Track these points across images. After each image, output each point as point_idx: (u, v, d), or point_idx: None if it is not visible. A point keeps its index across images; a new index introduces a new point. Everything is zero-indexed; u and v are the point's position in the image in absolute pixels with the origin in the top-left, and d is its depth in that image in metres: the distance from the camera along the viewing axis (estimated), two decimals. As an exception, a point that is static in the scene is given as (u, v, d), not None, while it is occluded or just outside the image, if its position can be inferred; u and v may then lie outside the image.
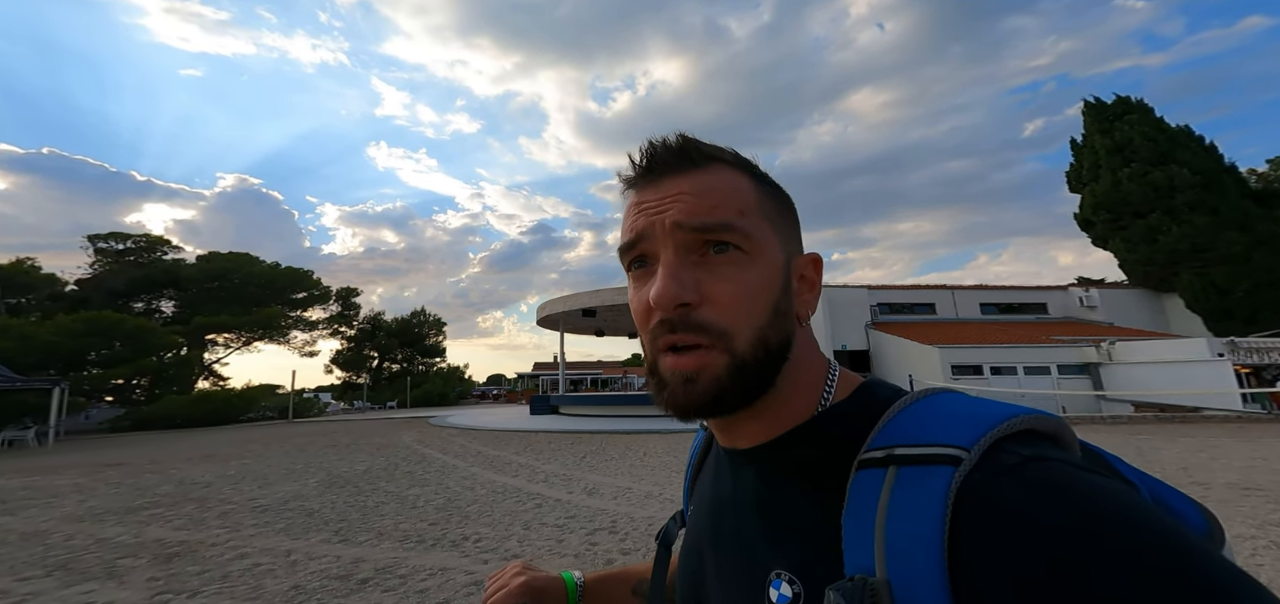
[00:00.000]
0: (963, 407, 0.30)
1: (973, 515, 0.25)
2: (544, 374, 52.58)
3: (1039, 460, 0.26)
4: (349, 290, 42.73)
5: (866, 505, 0.28)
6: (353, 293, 42.87)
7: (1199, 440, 8.29)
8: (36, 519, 5.01)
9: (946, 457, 0.27)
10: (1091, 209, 24.07)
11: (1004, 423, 0.28)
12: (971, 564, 0.24)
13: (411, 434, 13.13)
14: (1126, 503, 0.24)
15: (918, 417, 0.31)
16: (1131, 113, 24.45)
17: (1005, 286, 24.57)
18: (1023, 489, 0.25)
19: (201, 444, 12.29)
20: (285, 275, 34.76)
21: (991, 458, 0.27)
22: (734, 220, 0.35)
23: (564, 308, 21.94)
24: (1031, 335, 17.62)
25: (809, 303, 0.39)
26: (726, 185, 0.36)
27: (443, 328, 51.51)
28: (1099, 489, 0.24)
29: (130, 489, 6.50)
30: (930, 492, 0.26)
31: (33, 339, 17.87)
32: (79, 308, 25.36)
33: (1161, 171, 21.67)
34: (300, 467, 7.99)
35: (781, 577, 0.32)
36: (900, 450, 0.29)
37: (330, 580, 3.18)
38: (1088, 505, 0.23)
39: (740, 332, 0.34)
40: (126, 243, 30.84)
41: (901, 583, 0.25)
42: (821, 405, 0.36)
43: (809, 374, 0.37)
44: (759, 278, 0.35)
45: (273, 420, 23.00)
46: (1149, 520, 0.23)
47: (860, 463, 0.30)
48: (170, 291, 30.94)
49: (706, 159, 0.37)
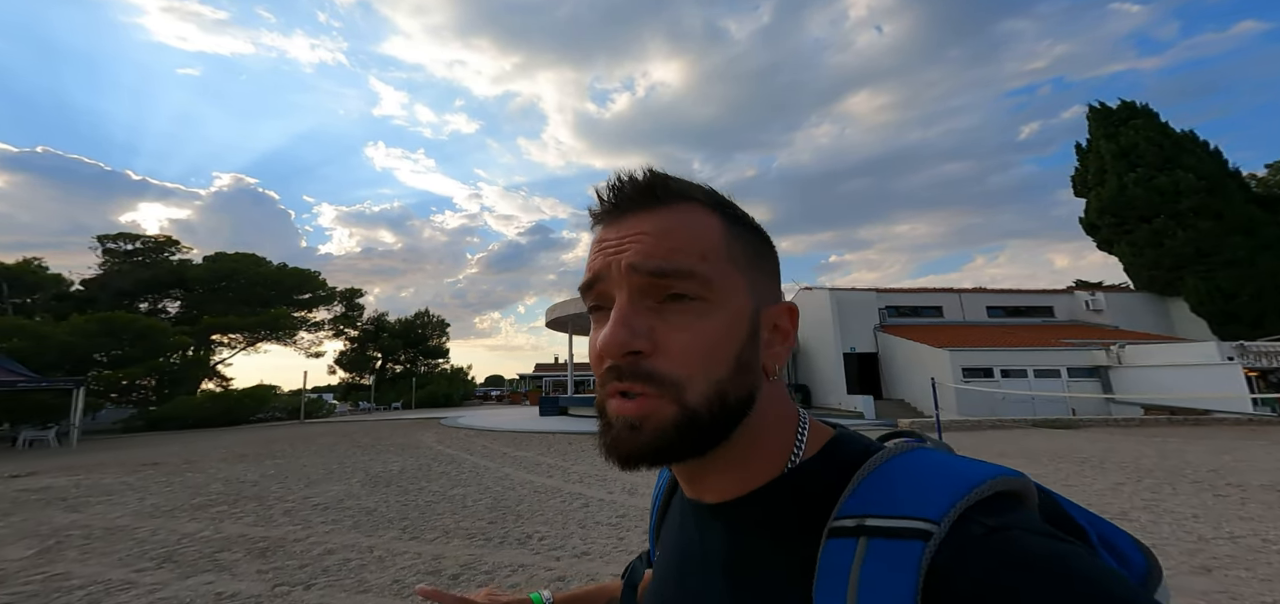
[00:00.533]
0: (932, 472, 0.30)
1: (943, 592, 0.25)
2: (547, 375, 52.79)
3: (1002, 531, 0.27)
4: (353, 291, 42.87)
5: (838, 577, 0.28)
6: (356, 294, 43.01)
7: (1219, 443, 8.56)
8: (109, 515, 5.22)
9: (917, 531, 0.27)
10: (1097, 213, 24.38)
11: (972, 492, 0.28)
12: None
13: (429, 435, 13.34)
14: (1077, 567, 0.24)
15: (888, 482, 0.30)
16: (1136, 117, 24.79)
17: (1012, 290, 24.87)
18: (988, 562, 0.25)
19: (226, 444, 12.48)
20: (292, 276, 34.96)
21: (960, 529, 0.27)
22: (694, 266, 0.33)
23: (573, 311, 22.22)
24: (1039, 338, 17.90)
25: (779, 355, 0.37)
26: (691, 226, 0.34)
27: (445, 329, 51.68)
28: (1054, 555, 0.25)
29: (182, 487, 6.71)
30: (902, 568, 0.27)
31: (48, 339, 18.05)
32: (86, 308, 25.52)
33: (1167, 176, 21.98)
34: (336, 467, 8.20)
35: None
36: (871, 521, 0.29)
37: (423, 575, 3.41)
38: (1044, 576, 0.24)
39: (694, 383, 0.32)
40: (135, 243, 30.99)
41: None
42: (792, 461, 0.35)
43: (777, 428, 0.36)
44: (719, 328, 0.33)
45: (282, 421, 23.17)
46: (1097, 583, 0.24)
47: (830, 531, 0.30)
48: (176, 292, 31.11)
49: (673, 197, 0.35)
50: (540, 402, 23.62)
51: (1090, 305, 22.70)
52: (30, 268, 27.75)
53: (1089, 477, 6.31)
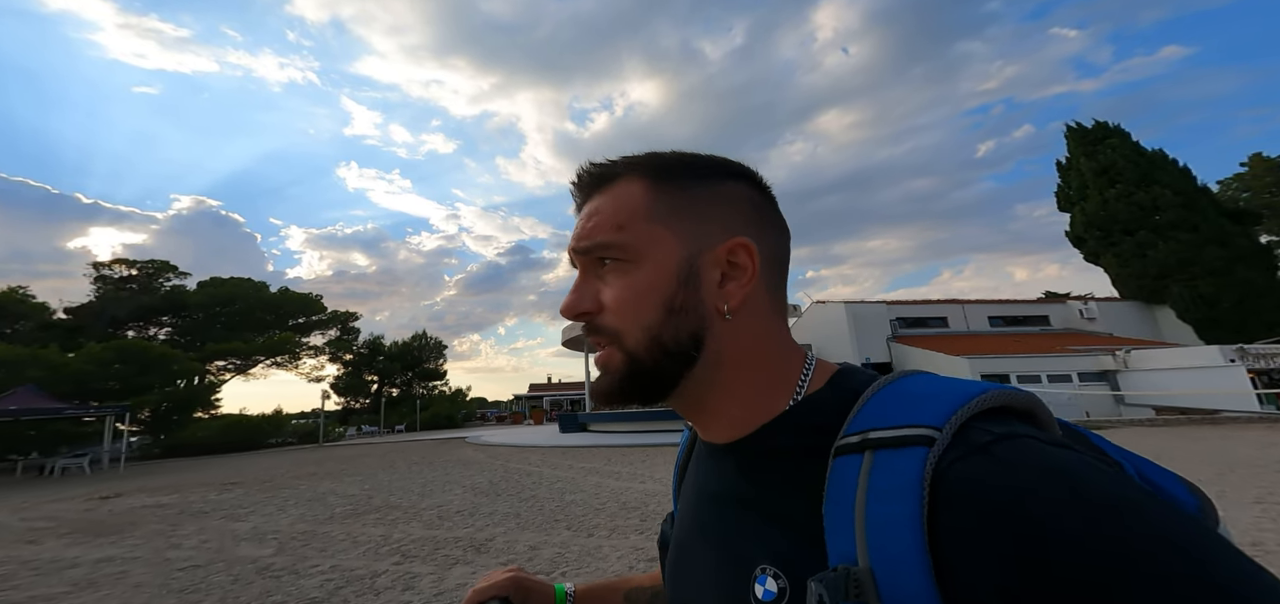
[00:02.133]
0: (933, 386, 0.31)
1: (949, 496, 0.26)
2: (547, 395, 52.65)
3: (1009, 438, 0.27)
4: (348, 314, 42.35)
5: (845, 492, 0.29)
6: (352, 317, 42.51)
7: (1252, 437, 9.32)
8: (280, 523, 5.45)
9: (919, 437, 0.28)
10: (1083, 227, 26.11)
11: (973, 400, 0.29)
12: (950, 546, 0.25)
13: (472, 453, 13.49)
14: (1097, 475, 0.24)
15: (890, 399, 0.31)
16: (1111, 137, 26.80)
17: (1009, 301, 26.30)
18: (994, 467, 0.26)
19: (268, 468, 12.39)
20: (293, 300, 34.53)
21: (963, 436, 0.28)
22: (609, 238, 0.38)
23: None
24: (1042, 346, 19.07)
25: (734, 293, 0.38)
26: (614, 201, 0.39)
27: (443, 351, 51.17)
28: (1070, 464, 0.25)
29: (304, 501, 6.91)
30: (906, 474, 0.27)
31: (62, 368, 17.63)
32: (74, 336, 24.80)
33: (1145, 192, 23.81)
34: (433, 482, 8.43)
35: (766, 571, 0.32)
36: (875, 434, 0.29)
37: (622, 565, 3.84)
38: (1058, 481, 0.24)
39: (629, 331, 0.37)
40: (132, 268, 30.33)
41: (884, 569, 0.26)
42: (796, 396, 0.37)
43: (770, 366, 0.38)
44: (641, 281, 0.37)
45: (299, 446, 22.73)
46: (1121, 491, 0.24)
47: (837, 449, 0.31)
48: (168, 318, 30.40)
49: (607, 179, 0.40)
50: (559, 419, 23.77)
51: (1084, 314, 24.17)
52: (15, 296, 26.96)
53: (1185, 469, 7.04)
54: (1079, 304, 25.00)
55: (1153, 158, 25.40)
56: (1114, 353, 16.49)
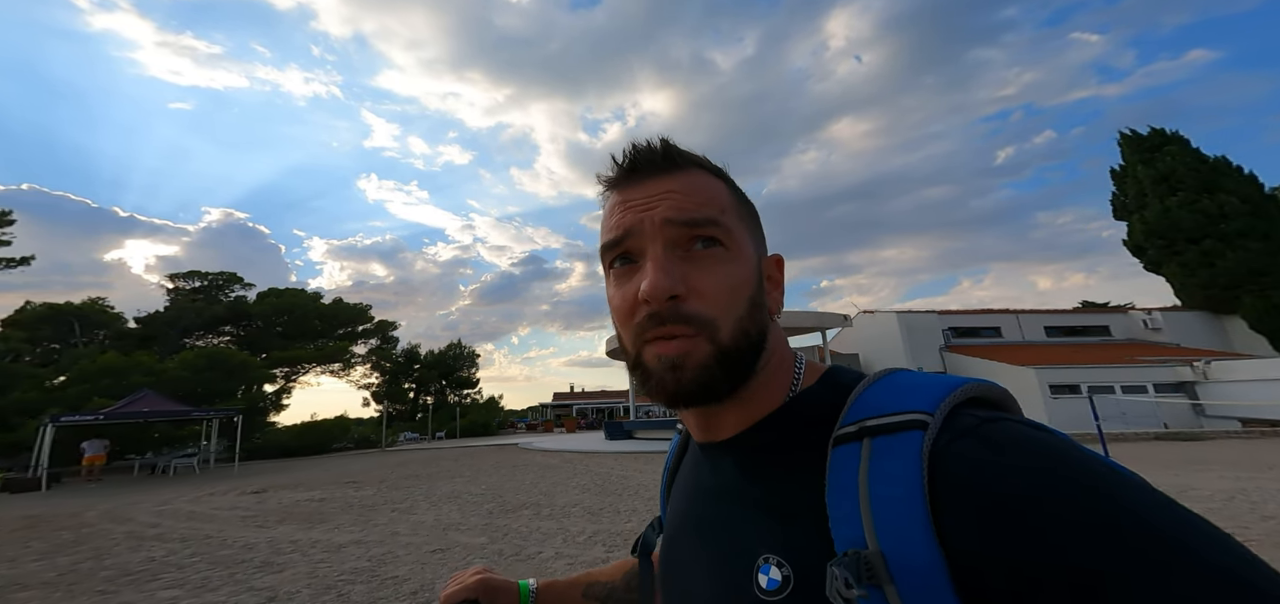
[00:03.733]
0: (919, 379, 0.34)
1: (946, 474, 0.28)
2: (576, 404, 53.50)
3: (994, 421, 0.30)
4: (388, 323, 43.94)
5: (848, 479, 0.30)
6: (391, 326, 44.05)
7: None
8: (448, 518, 6.10)
9: (914, 422, 0.30)
10: (1143, 236, 25.51)
11: (958, 390, 0.32)
12: (950, 520, 0.27)
13: (541, 458, 14.09)
14: (1074, 450, 0.27)
15: (882, 391, 0.34)
16: (1170, 144, 26.22)
17: (1066, 311, 25.86)
18: (984, 446, 0.28)
19: (365, 470, 13.18)
20: (346, 310, 36.23)
21: (952, 421, 0.30)
22: (717, 216, 0.38)
23: None
24: (1103, 356, 18.77)
25: (776, 301, 0.42)
26: (707, 186, 0.40)
27: (476, 360, 52.50)
28: (1050, 442, 0.28)
29: (448, 497, 7.59)
30: (905, 456, 0.29)
31: (161, 374, 19.08)
32: (147, 343, 26.64)
33: (1210, 199, 23.21)
34: (534, 483, 9.04)
35: (769, 561, 0.33)
36: (871, 422, 0.32)
37: None
38: (1041, 453, 0.27)
39: (724, 323, 0.36)
40: (204, 279, 32.43)
41: (892, 548, 0.27)
42: (791, 393, 0.39)
43: (780, 365, 0.41)
44: (740, 273, 0.38)
45: (359, 450, 23.82)
46: (1096, 462, 0.27)
47: (836, 439, 0.33)
48: (230, 328, 32.28)
49: (688, 162, 0.41)
50: (606, 427, 24.36)
51: (1149, 324, 23.56)
52: (96, 307, 29.19)
53: None
54: (1142, 314, 24.40)
55: (1216, 164, 24.76)
56: (1192, 364, 16.16)
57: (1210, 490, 5.91)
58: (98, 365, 18.01)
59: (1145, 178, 25.74)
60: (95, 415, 13.12)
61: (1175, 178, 24.66)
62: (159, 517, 7.08)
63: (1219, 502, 5.23)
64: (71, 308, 27.36)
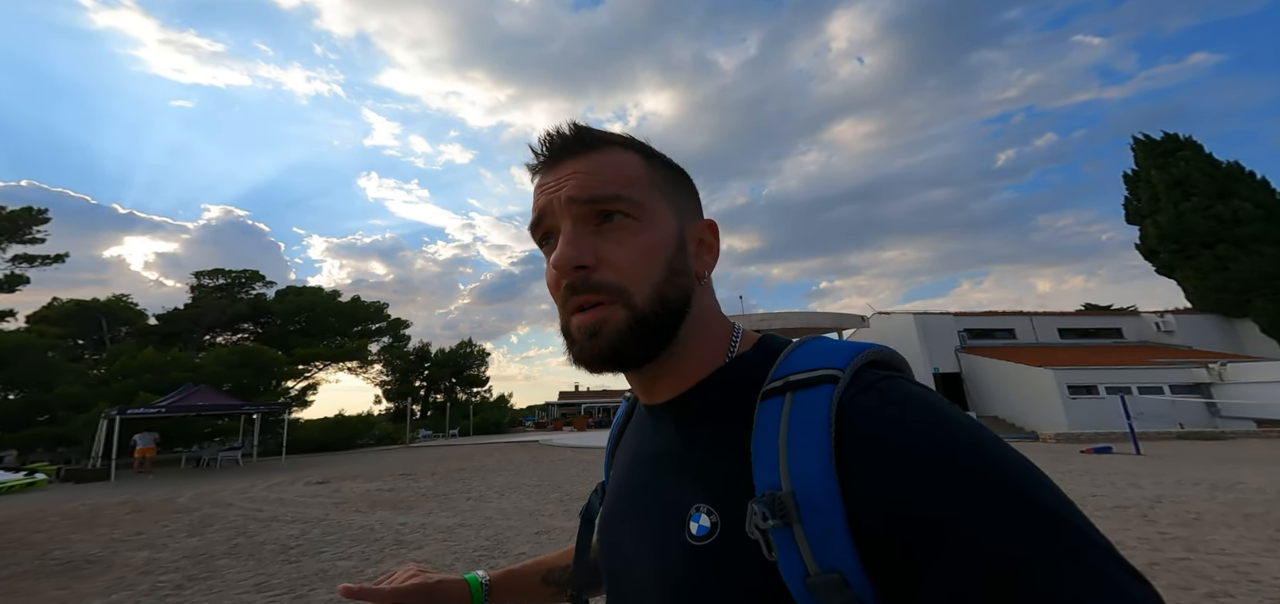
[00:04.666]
0: (835, 343, 0.39)
1: (849, 424, 0.33)
2: (583, 403, 54.26)
3: (890, 380, 0.35)
4: (400, 321, 44.47)
5: (770, 429, 0.35)
6: (402, 324, 44.55)
7: None
8: (531, 503, 6.64)
9: (827, 376, 0.35)
10: (1156, 240, 25.84)
11: (866, 352, 0.37)
12: (851, 465, 0.32)
13: (570, 453, 14.62)
14: (953, 409, 0.33)
15: (806, 351, 0.39)
16: (1183, 149, 26.51)
17: (1078, 313, 26.26)
18: (881, 400, 0.33)
19: (407, 463, 13.77)
20: (364, 308, 36.86)
21: (858, 378, 0.35)
22: (620, 191, 0.40)
23: None
24: (1117, 357, 19.20)
25: (707, 264, 0.45)
26: (615, 163, 0.42)
27: (486, 358, 53.06)
28: (934, 399, 0.34)
29: (513, 487, 8.14)
30: (818, 405, 0.34)
31: (199, 369, 19.72)
32: (170, 340, 27.33)
33: (1224, 204, 23.54)
34: (579, 475, 9.57)
35: (700, 510, 0.37)
36: (794, 377, 0.36)
37: None
38: (926, 410, 0.32)
39: (637, 288, 0.39)
40: (231, 277, 33.08)
41: (803, 490, 0.32)
42: (728, 357, 0.43)
43: (714, 331, 0.44)
44: (650, 240, 0.41)
45: (382, 446, 24.42)
46: (970, 420, 0.32)
47: (763, 394, 0.37)
48: (249, 325, 32.95)
49: (599, 142, 0.43)
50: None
51: (1161, 327, 23.94)
52: (122, 303, 29.93)
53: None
54: (1155, 317, 24.77)
55: (1229, 170, 25.06)
56: (1207, 366, 16.60)
57: (1258, 484, 6.29)
58: (139, 361, 18.66)
59: (1159, 182, 26.05)
60: (156, 409, 13.73)
61: (1189, 183, 24.97)
62: (254, 503, 7.64)
63: (1272, 494, 5.63)
64: (98, 304, 28.07)
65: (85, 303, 27.64)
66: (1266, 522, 4.46)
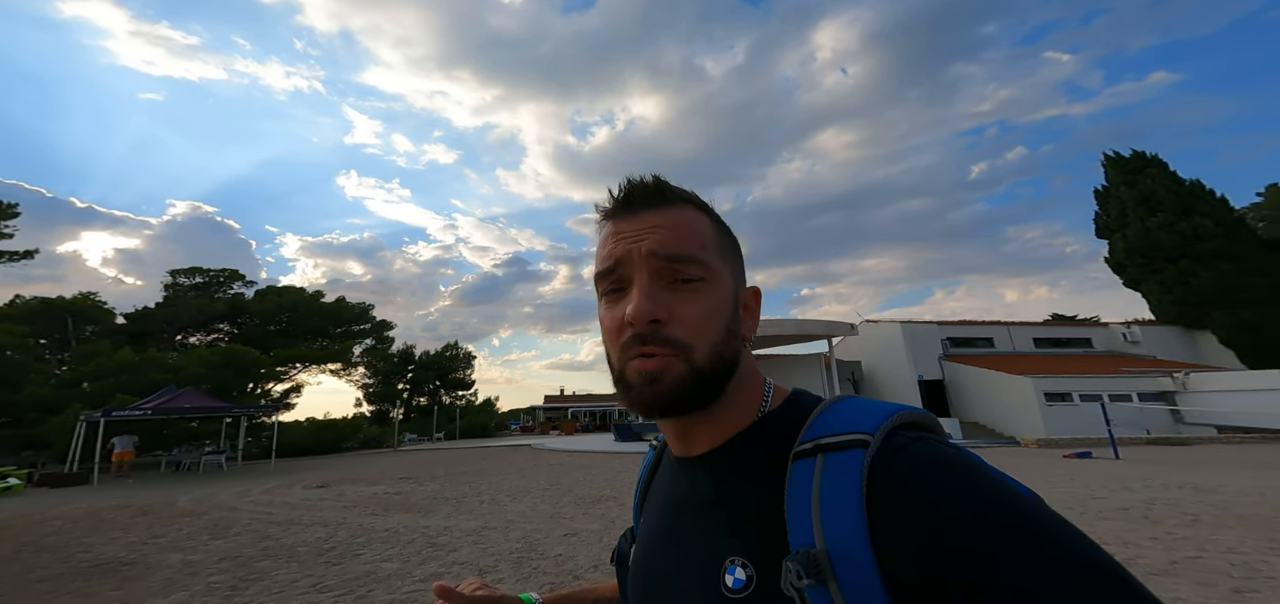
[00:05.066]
0: (866, 405, 0.40)
1: (879, 487, 0.34)
2: (570, 406, 54.15)
3: (920, 441, 0.36)
4: (384, 323, 43.78)
5: (803, 489, 0.37)
6: (386, 326, 43.90)
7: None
8: (539, 510, 6.78)
9: (858, 441, 0.36)
10: (1124, 254, 27.27)
11: (895, 415, 0.38)
12: (881, 526, 0.33)
13: (567, 458, 14.74)
14: (984, 469, 0.34)
15: (836, 414, 0.40)
16: (1150, 166, 28.07)
17: (1049, 323, 27.48)
18: (911, 463, 0.35)
19: (407, 467, 13.67)
20: (349, 310, 36.17)
21: (889, 441, 0.37)
22: (696, 254, 0.44)
23: None
24: (1087, 366, 20.26)
25: (750, 328, 0.48)
26: (692, 223, 0.45)
27: (472, 361, 52.54)
28: (966, 460, 0.35)
29: (531, 491, 8.24)
30: (849, 470, 0.35)
31: (178, 370, 19.15)
32: (140, 341, 26.41)
33: (1187, 221, 25.02)
34: (602, 479, 9.73)
35: (735, 562, 0.38)
36: (825, 440, 0.38)
37: None
38: (956, 469, 0.34)
39: (700, 346, 0.42)
40: (208, 276, 32.11)
41: (836, 549, 0.33)
42: (761, 412, 0.45)
43: (751, 387, 0.46)
44: (716, 303, 0.44)
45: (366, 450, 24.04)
46: (999, 479, 0.34)
47: (795, 454, 0.39)
48: (226, 325, 32.03)
49: (677, 199, 0.47)
50: (616, 429, 25.12)
51: (1128, 338, 25.27)
52: (89, 302, 28.88)
53: None
54: (1122, 328, 26.13)
55: (1192, 187, 26.59)
56: (1172, 375, 17.64)
57: (1239, 487, 6.74)
58: (115, 361, 18.03)
59: (1128, 198, 27.50)
60: (142, 411, 13.32)
61: (1155, 199, 26.44)
62: (261, 506, 7.58)
63: (1254, 496, 6.03)
64: (65, 302, 26.97)
65: (51, 301, 26.53)
66: (1260, 522, 4.83)
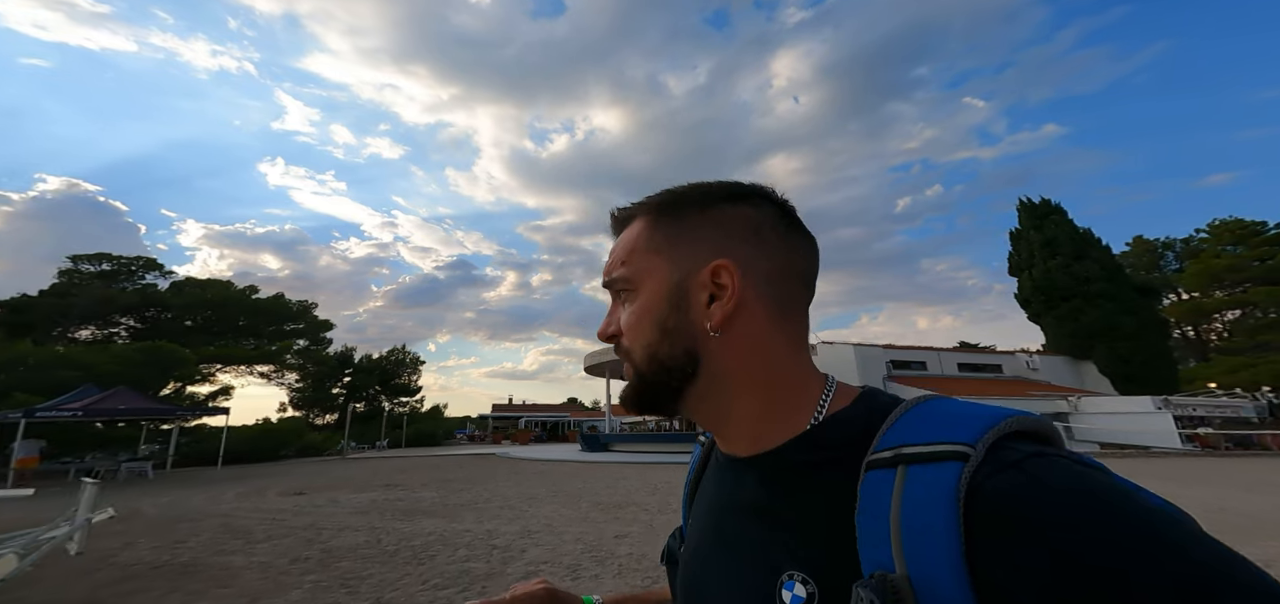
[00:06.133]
0: (961, 409, 0.34)
1: (986, 509, 0.28)
2: (522, 416, 53.44)
3: (1039, 456, 0.30)
4: (324, 323, 41.09)
5: (880, 504, 0.31)
6: (326, 326, 41.28)
7: (1176, 465, 13.13)
8: (549, 514, 7.17)
9: (954, 453, 0.30)
10: (1030, 290, 31.79)
11: (1003, 422, 0.32)
12: (987, 555, 0.27)
13: (543, 467, 14.95)
14: (1120, 491, 0.27)
15: (920, 419, 0.34)
16: (1054, 214, 32.95)
17: (970, 349, 31.33)
18: (1029, 482, 0.28)
19: (363, 476, 13.18)
20: (282, 306, 33.50)
21: (995, 454, 0.30)
22: (617, 272, 0.46)
23: (611, 358, 24.70)
24: (1000, 390, 23.52)
25: (716, 313, 0.41)
26: (628, 238, 0.47)
27: (419, 366, 50.42)
28: (1097, 482, 0.28)
29: (558, 496, 8.50)
30: (942, 487, 0.29)
31: (95, 368, 17.09)
32: (21, 332, 23.16)
33: (1080, 265, 29.71)
34: (598, 486, 10.17)
35: (794, 577, 0.34)
36: (908, 450, 0.32)
37: None
38: (1089, 498, 0.27)
39: (635, 350, 0.44)
40: (117, 263, 28.55)
41: (920, 576, 0.28)
42: (818, 415, 0.39)
43: (777, 384, 0.41)
44: (641, 306, 0.44)
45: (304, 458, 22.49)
46: (1143, 503, 0.27)
47: (869, 464, 0.33)
48: (131, 319, 28.66)
49: (627, 220, 0.48)
50: (582, 439, 25.42)
51: (1030, 365, 29.41)
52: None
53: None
54: (1025, 356, 30.37)
55: (1084, 234, 31.62)
56: (1067, 399, 20.95)
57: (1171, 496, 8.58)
58: (13, 353, 15.80)
59: (1035, 241, 32.12)
60: (72, 412, 11.85)
61: (1057, 243, 31.13)
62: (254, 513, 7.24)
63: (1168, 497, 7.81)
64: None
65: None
66: (1222, 519, 5.99)
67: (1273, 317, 29.36)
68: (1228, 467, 12.89)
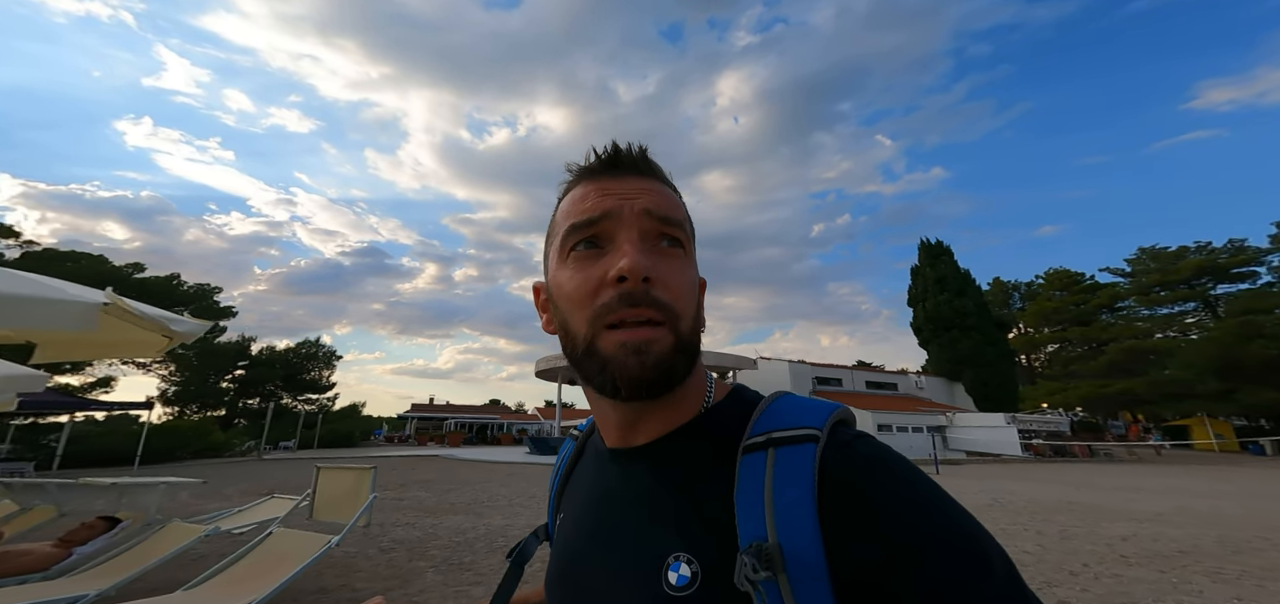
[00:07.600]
0: (808, 402, 0.42)
1: (829, 481, 0.36)
2: (447, 418, 52.19)
3: (861, 438, 0.39)
4: (224, 309, 36.92)
5: (755, 484, 0.37)
6: (228, 313, 37.09)
7: (1020, 467, 17.14)
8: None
9: (809, 435, 0.38)
10: (923, 320, 37.92)
11: (836, 411, 0.41)
12: (831, 520, 0.35)
13: (506, 469, 15.48)
14: (912, 466, 0.38)
15: (783, 409, 0.42)
16: (944, 254, 39.41)
17: (875, 369, 36.71)
18: (857, 458, 0.37)
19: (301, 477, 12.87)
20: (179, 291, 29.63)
21: (834, 434, 0.39)
22: (683, 222, 0.45)
23: (563, 364, 25.75)
24: (896, 405, 28.38)
25: (702, 319, 0.48)
26: (672, 197, 0.47)
27: (334, 361, 46.88)
28: (897, 457, 0.38)
29: (538, 499, 9.40)
30: (802, 463, 0.37)
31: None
32: None
33: (960, 300, 36.13)
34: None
35: (680, 558, 0.38)
36: (777, 434, 0.39)
37: None
38: (894, 467, 0.37)
39: (685, 315, 0.42)
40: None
41: (789, 543, 0.34)
42: (705, 406, 0.46)
43: (699, 378, 0.47)
44: (693, 277, 0.45)
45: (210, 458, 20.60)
46: (926, 476, 0.37)
47: (745, 448, 0.39)
48: None
49: (661, 174, 0.48)
50: (532, 442, 25.93)
51: (919, 385, 35.30)
52: None
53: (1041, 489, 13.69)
54: (915, 377, 36.33)
55: (964, 275, 38.32)
56: (946, 414, 25.88)
57: (1029, 494, 9.92)
58: None
59: (930, 278, 38.30)
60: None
61: (946, 281, 37.44)
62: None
63: (1053, 500, 8.05)
64: None
65: None
66: (1074, 511, 6.93)
67: (1080, 351, 38.18)
68: (1056, 470, 16.96)
